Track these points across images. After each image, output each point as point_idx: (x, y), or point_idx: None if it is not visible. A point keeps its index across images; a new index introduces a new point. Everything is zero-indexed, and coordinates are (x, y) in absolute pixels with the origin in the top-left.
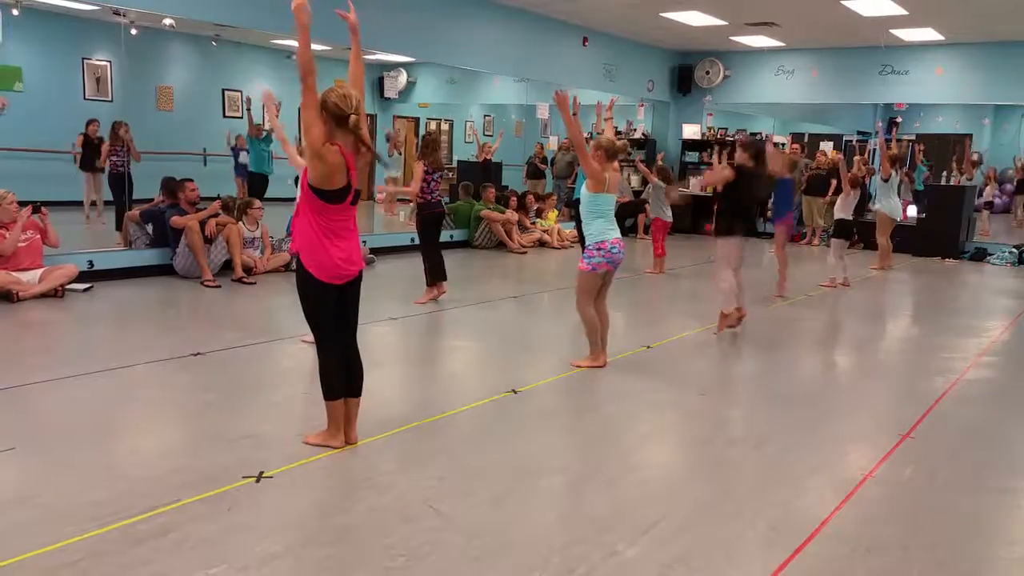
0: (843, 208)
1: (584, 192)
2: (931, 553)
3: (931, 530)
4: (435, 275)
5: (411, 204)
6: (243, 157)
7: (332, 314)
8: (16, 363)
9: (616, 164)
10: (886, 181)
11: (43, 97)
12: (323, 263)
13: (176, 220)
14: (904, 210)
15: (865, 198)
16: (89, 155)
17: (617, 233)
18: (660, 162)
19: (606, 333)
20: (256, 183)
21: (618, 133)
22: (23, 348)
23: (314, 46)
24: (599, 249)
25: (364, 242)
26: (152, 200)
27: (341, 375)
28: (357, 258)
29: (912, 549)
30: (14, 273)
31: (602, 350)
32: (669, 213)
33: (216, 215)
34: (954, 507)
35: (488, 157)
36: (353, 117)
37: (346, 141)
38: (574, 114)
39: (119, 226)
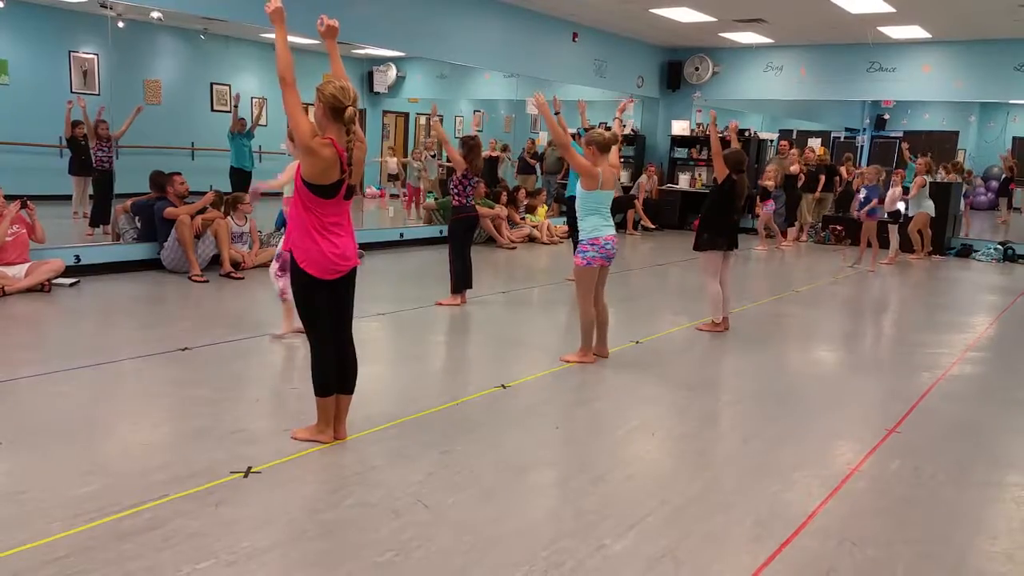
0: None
1: (578, 190)
2: (916, 547)
3: (916, 524)
4: (459, 285)
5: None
6: None
7: (326, 310)
8: (2, 358)
9: (616, 160)
10: (923, 187)
11: (29, 90)
12: (315, 259)
13: (170, 211)
14: (894, 203)
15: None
16: (77, 158)
17: (611, 229)
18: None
19: (605, 328)
20: (237, 178)
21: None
22: (9, 343)
23: (302, 40)
24: (592, 244)
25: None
26: (142, 195)
27: (334, 372)
28: (351, 253)
29: (897, 543)
30: (0, 267)
31: (591, 347)
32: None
33: (205, 209)
34: (939, 501)
35: (496, 155)
36: (350, 109)
37: (339, 135)
38: (556, 113)
39: (93, 221)
